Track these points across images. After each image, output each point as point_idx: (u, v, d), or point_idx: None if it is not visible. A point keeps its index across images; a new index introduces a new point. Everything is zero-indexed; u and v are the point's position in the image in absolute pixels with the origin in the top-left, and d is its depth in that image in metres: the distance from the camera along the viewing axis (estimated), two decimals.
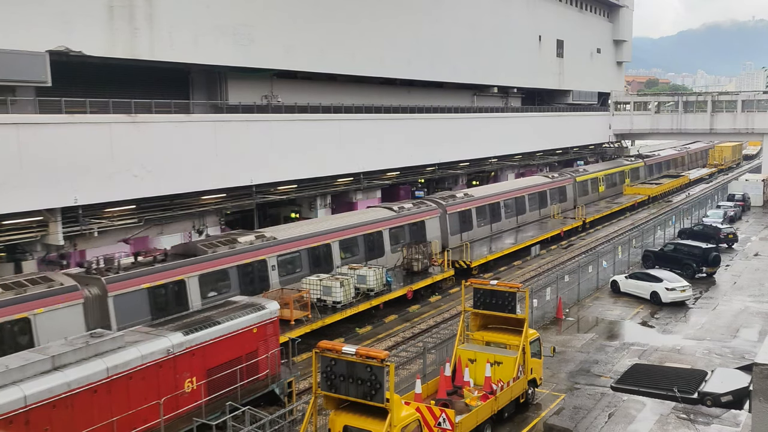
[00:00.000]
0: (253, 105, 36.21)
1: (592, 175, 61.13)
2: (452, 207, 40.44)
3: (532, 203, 49.67)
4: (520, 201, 48.29)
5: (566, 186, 55.09)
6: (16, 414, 13.68)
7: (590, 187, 59.74)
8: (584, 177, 59.36)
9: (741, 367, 14.73)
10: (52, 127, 25.49)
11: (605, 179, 63.47)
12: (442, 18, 48.88)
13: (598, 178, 61.93)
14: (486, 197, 44.59)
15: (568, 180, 55.96)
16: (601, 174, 63.08)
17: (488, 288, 21.07)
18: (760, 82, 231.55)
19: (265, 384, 19.50)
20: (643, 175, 73.99)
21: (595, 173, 61.89)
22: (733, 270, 38.72)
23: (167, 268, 23.96)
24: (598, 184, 61.49)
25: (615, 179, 66.27)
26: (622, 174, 68.25)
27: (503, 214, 45.69)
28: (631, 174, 70.39)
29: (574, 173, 58.34)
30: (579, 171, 60.10)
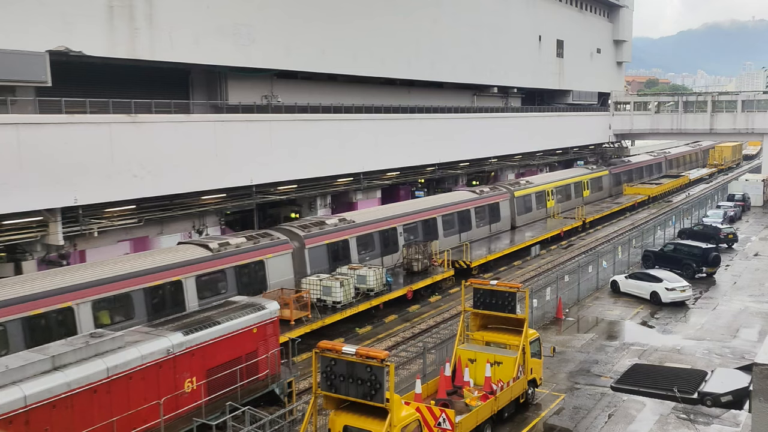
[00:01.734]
0: (253, 105, 36.20)
1: (538, 188, 51.06)
2: (315, 239, 30.84)
3: (448, 227, 39.96)
4: (430, 225, 38.43)
5: (499, 203, 45.43)
6: (16, 414, 13.68)
7: (535, 203, 49.84)
8: (526, 191, 49.34)
9: (741, 367, 14.71)
10: (52, 127, 25.47)
11: (556, 192, 53.44)
12: (442, 18, 48.87)
13: (546, 192, 51.87)
14: (375, 222, 34.79)
15: (503, 195, 46.17)
16: (551, 186, 53.06)
17: (488, 288, 21.08)
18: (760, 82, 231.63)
19: (265, 384, 19.50)
20: (607, 186, 64.16)
21: (542, 185, 52.05)
22: (733, 270, 38.73)
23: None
24: (546, 198, 51.57)
25: (569, 192, 56.28)
26: (579, 185, 58.18)
27: (400, 244, 35.56)
28: (592, 185, 60.80)
29: (512, 186, 48.58)
30: (520, 183, 50.28)
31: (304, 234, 30.56)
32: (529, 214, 48.81)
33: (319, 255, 30.99)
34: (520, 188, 48.74)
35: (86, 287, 21.93)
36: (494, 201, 44.84)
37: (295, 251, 29.79)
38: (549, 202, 52.08)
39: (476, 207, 42.98)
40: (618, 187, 66.59)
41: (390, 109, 44.53)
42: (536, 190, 50.60)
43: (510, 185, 48.69)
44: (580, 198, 57.73)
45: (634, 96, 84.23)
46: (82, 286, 21.88)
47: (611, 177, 65.64)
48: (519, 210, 47.63)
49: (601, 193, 62.58)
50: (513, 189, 47.70)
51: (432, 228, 38.33)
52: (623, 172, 69.60)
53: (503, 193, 46.17)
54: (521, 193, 48.36)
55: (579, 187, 58.12)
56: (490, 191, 45.15)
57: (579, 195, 57.79)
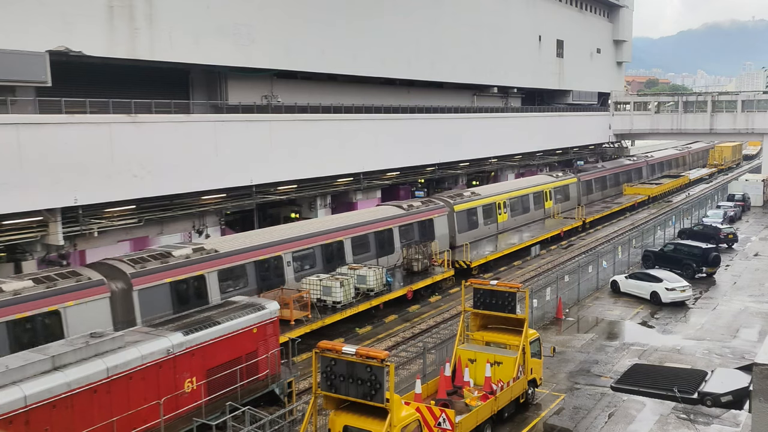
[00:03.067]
0: (253, 105, 36.22)
1: (486, 200, 43.42)
2: (149, 277, 23.27)
3: (361, 251, 32.74)
4: (333, 251, 31.19)
5: (434, 219, 37.87)
6: (16, 414, 13.68)
7: (482, 218, 42.49)
8: (469, 204, 41.62)
9: (741, 367, 14.71)
10: (52, 127, 25.49)
11: (510, 204, 45.91)
12: (442, 18, 48.89)
13: (496, 204, 44.37)
14: (247, 251, 27.02)
15: (439, 210, 38.72)
16: (503, 197, 45.34)
17: (488, 288, 21.07)
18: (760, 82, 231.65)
19: (265, 384, 19.49)
20: (575, 195, 55.87)
21: (492, 197, 44.27)
22: (733, 270, 38.72)
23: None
24: (496, 212, 44.21)
25: (527, 203, 48.39)
26: (539, 196, 50.10)
27: (287, 276, 28.59)
28: (557, 194, 52.61)
29: (452, 199, 41.06)
30: (463, 195, 42.52)
31: (133, 271, 22.82)
32: (474, 231, 41.17)
33: (157, 298, 23.24)
34: (462, 201, 41.41)
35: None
36: (426, 217, 37.30)
37: (116, 295, 22.15)
38: (500, 215, 44.67)
39: (402, 225, 35.59)
40: (589, 195, 58.52)
41: (390, 109, 44.56)
42: (483, 202, 43.11)
43: (450, 197, 41.46)
44: (540, 210, 49.85)
45: (634, 96, 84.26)
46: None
47: (580, 185, 57.06)
48: (461, 226, 40.22)
49: (567, 204, 53.70)
50: (453, 202, 40.50)
51: (337, 253, 31.36)
52: (596, 179, 61.25)
53: (439, 208, 38.89)
54: (463, 206, 40.90)
55: (539, 198, 49.89)
56: (421, 206, 38.06)
57: (539, 206, 49.77)
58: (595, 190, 60.62)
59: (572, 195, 55.28)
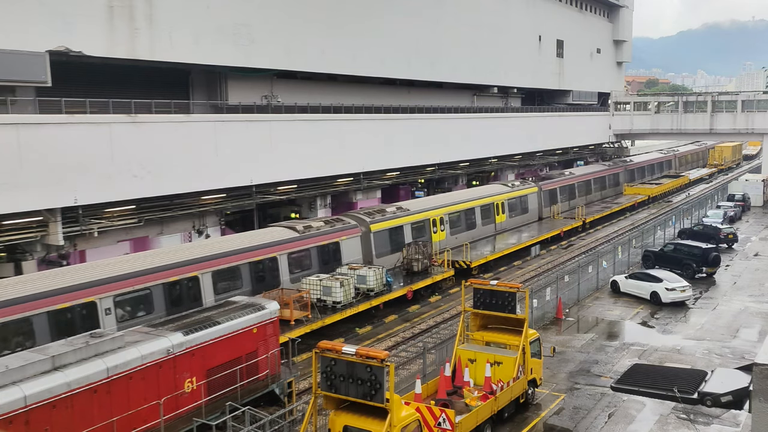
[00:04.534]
0: (253, 105, 36.22)
1: (416, 217, 36.62)
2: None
3: (226, 289, 25.88)
4: (183, 289, 24.47)
5: (340, 242, 31.62)
6: (16, 414, 13.67)
7: (410, 239, 35.43)
8: (392, 222, 34.91)
9: (741, 367, 14.73)
10: (52, 127, 25.50)
11: (450, 220, 39.45)
12: (442, 18, 48.88)
13: (431, 221, 37.65)
14: (62, 293, 20.92)
15: (350, 231, 32.53)
16: (440, 212, 38.67)
17: (488, 288, 21.07)
18: (760, 82, 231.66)
19: (265, 384, 19.49)
20: (535, 207, 49.02)
21: (425, 212, 37.52)
22: (733, 270, 38.73)
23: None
24: (430, 229, 37.54)
25: (473, 218, 41.71)
26: (488, 209, 43.38)
27: (106, 324, 21.78)
28: (512, 207, 45.93)
29: (369, 216, 34.26)
30: (386, 212, 35.52)
31: None
32: (398, 255, 34.04)
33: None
34: (383, 218, 34.69)
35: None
36: (329, 240, 31.09)
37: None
38: (436, 234, 37.84)
39: (292, 252, 29.09)
40: (553, 207, 51.24)
41: (390, 109, 44.56)
42: (413, 219, 36.36)
43: (368, 214, 34.54)
44: (491, 225, 43.49)
45: (634, 96, 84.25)
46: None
47: (542, 195, 50.23)
48: (380, 250, 33.86)
49: (526, 217, 47.49)
50: (370, 220, 33.93)
51: (188, 294, 24.59)
52: (562, 188, 53.85)
53: (349, 228, 32.62)
54: (383, 225, 34.33)
55: (488, 212, 43.37)
56: (324, 226, 31.62)
57: (489, 221, 43.36)
58: (561, 200, 53.10)
59: (532, 207, 48.50)
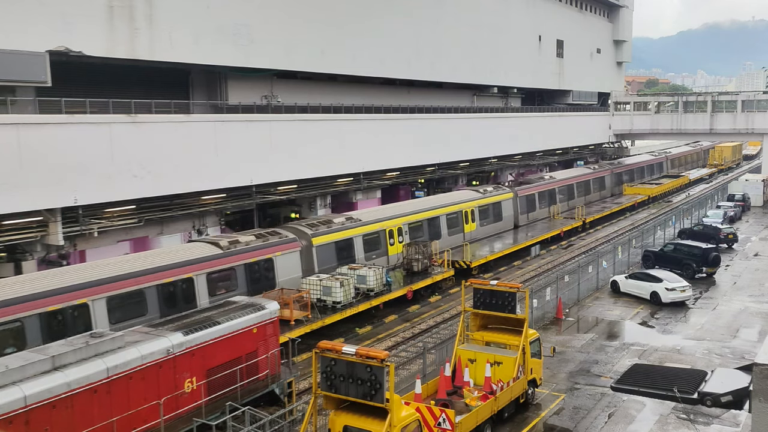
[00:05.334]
0: (253, 105, 36.22)
1: (369, 228, 33.23)
2: None
3: (127, 317, 22.52)
4: (68, 320, 20.86)
5: (275, 258, 28.12)
6: (16, 414, 13.67)
7: (362, 252, 32.94)
8: (339, 235, 31.57)
9: (741, 367, 14.73)
10: (52, 127, 25.49)
11: (410, 231, 36.07)
12: (442, 18, 48.88)
13: (386, 233, 34.18)
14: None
15: (287, 246, 28.78)
16: (398, 223, 35.07)
17: (488, 288, 21.07)
18: (760, 82, 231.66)
19: (265, 384, 19.49)
20: (510, 214, 45.50)
21: (378, 223, 33.86)
22: (733, 270, 38.72)
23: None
24: (386, 242, 34.33)
25: (438, 227, 38.61)
26: (456, 217, 40.16)
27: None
28: (483, 214, 42.55)
29: (312, 228, 30.72)
30: (333, 223, 31.91)
31: None
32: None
33: None
34: (328, 230, 31.22)
35: None
36: (261, 257, 27.45)
37: None
38: (393, 247, 34.49)
39: (213, 272, 25.47)
40: (530, 214, 48.13)
41: (390, 109, 44.55)
42: (365, 230, 32.94)
43: (311, 226, 31.03)
44: (459, 234, 40.17)
45: (634, 96, 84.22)
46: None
47: (518, 202, 46.72)
48: (324, 267, 30.36)
49: (499, 225, 44.15)
50: (312, 232, 30.39)
51: (83, 321, 21.19)
52: (541, 194, 50.19)
53: (288, 242, 28.92)
54: (328, 239, 30.85)
55: (456, 220, 39.97)
56: (254, 240, 27.69)
57: (457, 230, 40.07)
58: (540, 206, 49.78)
59: (506, 214, 44.97)
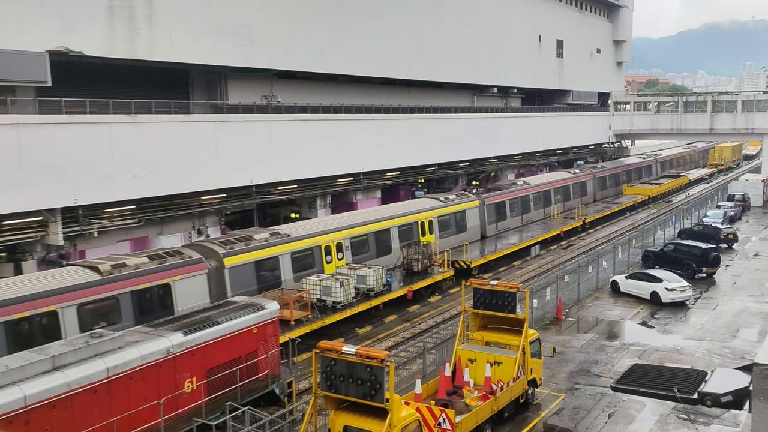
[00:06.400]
0: (253, 105, 36.23)
1: (301, 244, 29.16)
2: None
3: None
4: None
5: (173, 284, 23.82)
6: (16, 414, 13.67)
7: (290, 274, 28.76)
8: (261, 253, 27.27)
9: (741, 367, 14.72)
10: (52, 127, 25.50)
11: (353, 247, 32.24)
12: (442, 18, 48.89)
13: (322, 249, 30.23)
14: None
15: (190, 269, 24.48)
16: (337, 238, 31.06)
17: (488, 288, 21.06)
18: (760, 82, 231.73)
19: (265, 384, 19.49)
20: (476, 224, 41.36)
21: (312, 239, 29.91)
22: (733, 270, 38.71)
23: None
24: (323, 260, 30.33)
25: (389, 242, 34.59)
26: (409, 230, 35.91)
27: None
28: (444, 225, 38.63)
29: (225, 247, 26.31)
30: (252, 240, 27.48)
31: None
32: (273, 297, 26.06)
33: None
34: (246, 249, 26.89)
35: None
36: (156, 282, 23.36)
37: None
38: (331, 265, 30.61)
39: (87, 303, 21.32)
40: (500, 223, 44.09)
41: (390, 109, 44.57)
42: (295, 247, 28.84)
43: (223, 244, 26.59)
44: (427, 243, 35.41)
45: (634, 96, 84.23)
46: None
47: (485, 210, 42.69)
48: (240, 292, 25.45)
49: (463, 237, 39.65)
50: (225, 252, 26.02)
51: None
52: (512, 201, 45.87)
53: (191, 264, 24.60)
54: (244, 258, 26.54)
55: (410, 232, 36.12)
56: (148, 263, 23.41)
57: (413, 244, 34.53)
58: (512, 215, 45.87)
59: (471, 224, 41.00)
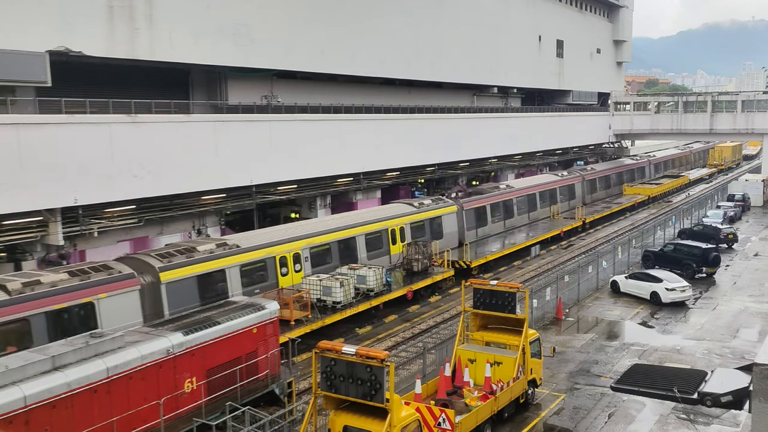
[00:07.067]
0: (253, 105, 36.21)
1: (252, 256, 26.98)
2: None
3: None
4: None
5: (97, 302, 21.45)
6: (16, 414, 13.68)
7: (237, 289, 26.36)
8: (201, 267, 24.88)
9: (741, 367, 14.71)
10: (52, 127, 25.49)
11: (314, 258, 30.24)
12: (442, 18, 48.88)
13: (276, 261, 28.12)
14: None
15: (121, 284, 22.21)
16: (295, 248, 29.00)
17: (488, 288, 21.07)
18: (760, 82, 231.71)
19: (265, 384, 19.50)
20: (453, 231, 39.53)
21: (260, 251, 27.55)
22: (733, 270, 38.72)
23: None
24: (277, 272, 28.23)
25: (354, 252, 32.56)
26: (378, 238, 33.94)
27: None
28: (415, 231, 36.46)
29: (161, 260, 24.02)
30: (195, 252, 25.12)
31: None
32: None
33: None
34: (188, 262, 24.66)
35: None
36: (76, 301, 21.07)
37: None
38: (287, 277, 28.68)
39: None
40: (480, 230, 42.10)
41: (390, 109, 44.55)
42: (245, 259, 26.73)
43: (161, 257, 24.34)
44: (384, 257, 34.14)
45: (634, 96, 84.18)
46: None
47: (463, 216, 40.83)
48: (183, 307, 23.25)
49: (441, 243, 37.17)
50: (162, 266, 23.82)
51: None
52: (494, 205, 44.15)
53: (120, 280, 22.38)
54: (185, 273, 24.40)
55: (379, 241, 33.94)
56: (68, 280, 21.14)
57: (380, 253, 33.86)
58: (493, 220, 43.95)
59: (449, 231, 39.00)
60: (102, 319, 21.84)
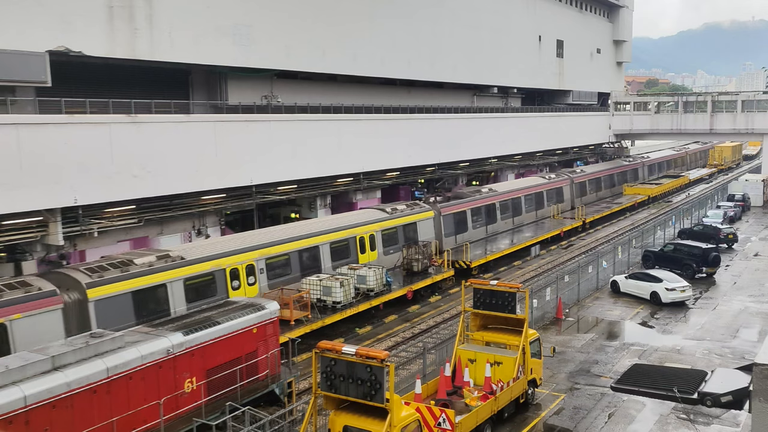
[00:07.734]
0: (253, 105, 36.20)
1: (199, 268, 25.13)
2: None
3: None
4: None
5: (8, 325, 19.20)
6: (16, 414, 13.68)
7: (186, 304, 24.65)
8: (137, 282, 23.03)
9: (741, 367, 14.71)
10: (52, 127, 25.47)
11: (276, 268, 28.45)
12: (442, 18, 48.87)
13: (225, 273, 26.03)
14: None
15: (38, 303, 20.18)
16: (248, 259, 26.95)
17: (488, 288, 21.07)
18: (760, 83, 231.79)
19: (265, 384, 19.50)
20: (429, 238, 36.72)
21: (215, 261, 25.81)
22: (733, 270, 38.72)
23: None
24: (225, 284, 26.12)
25: (317, 260, 30.54)
26: (346, 246, 32.16)
27: None
28: (387, 239, 34.70)
29: (90, 275, 22.16)
30: (131, 265, 23.36)
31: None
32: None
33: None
34: (121, 276, 22.88)
35: None
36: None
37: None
38: (239, 290, 26.52)
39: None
40: (458, 236, 40.07)
41: (390, 109, 44.53)
42: (191, 272, 24.96)
43: (89, 271, 22.52)
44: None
45: (634, 96, 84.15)
46: None
47: (441, 222, 39.05)
48: (114, 327, 20.54)
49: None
50: (90, 282, 22.02)
51: None
52: (475, 210, 42.38)
53: (37, 298, 20.38)
54: (118, 288, 22.58)
55: (346, 250, 32.19)
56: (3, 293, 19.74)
57: (348, 262, 31.70)
58: (474, 226, 42.06)
59: (425, 238, 36.59)
60: (16, 343, 19.23)
